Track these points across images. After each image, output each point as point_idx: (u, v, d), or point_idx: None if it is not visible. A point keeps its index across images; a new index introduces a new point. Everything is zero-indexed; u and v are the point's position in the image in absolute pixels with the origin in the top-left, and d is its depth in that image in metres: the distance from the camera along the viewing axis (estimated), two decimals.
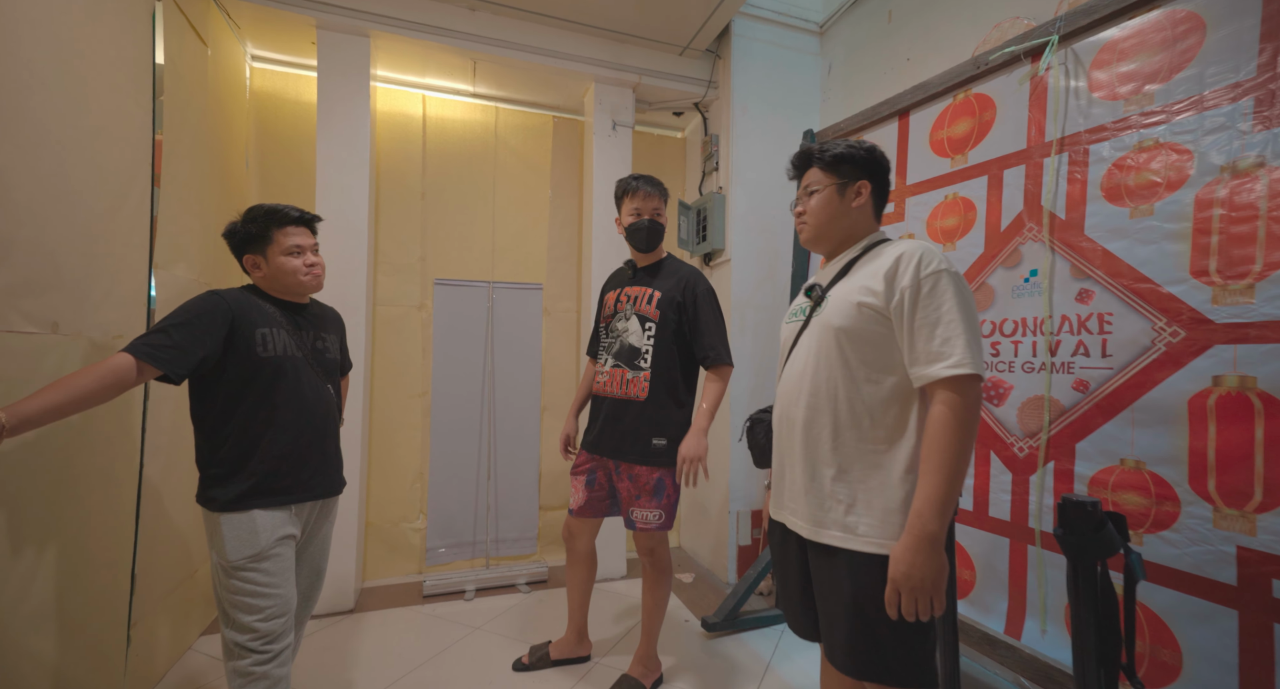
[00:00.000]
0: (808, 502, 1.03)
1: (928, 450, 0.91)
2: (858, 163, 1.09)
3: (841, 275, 1.08)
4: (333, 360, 1.48)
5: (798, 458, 1.06)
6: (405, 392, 2.66)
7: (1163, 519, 1.26)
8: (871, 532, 0.96)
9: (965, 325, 0.91)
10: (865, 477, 0.99)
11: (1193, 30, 1.25)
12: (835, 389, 1.01)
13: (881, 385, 0.99)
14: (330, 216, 2.23)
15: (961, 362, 0.89)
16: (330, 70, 2.24)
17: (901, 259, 0.97)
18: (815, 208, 1.11)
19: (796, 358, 1.10)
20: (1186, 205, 1.24)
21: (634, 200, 1.71)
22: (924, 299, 0.94)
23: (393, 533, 2.62)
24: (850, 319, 1.00)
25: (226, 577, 1.23)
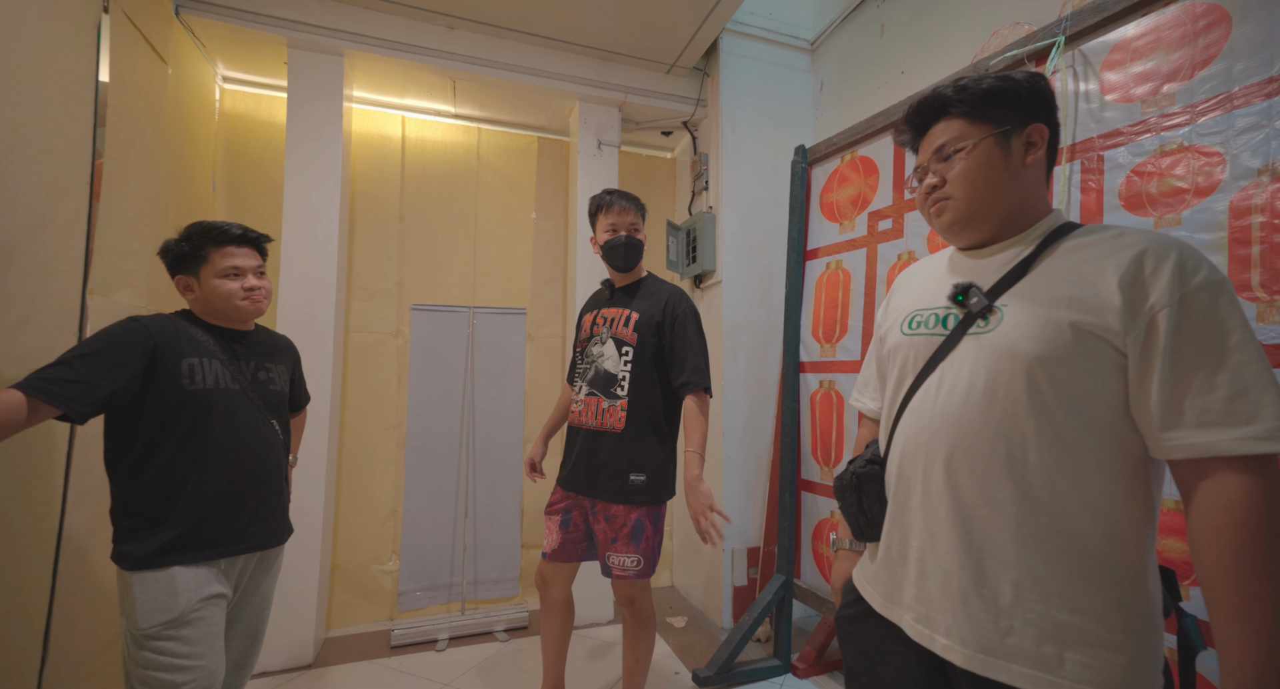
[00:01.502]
0: (968, 613, 0.69)
1: (1239, 574, 0.56)
2: (1021, 100, 0.74)
3: (1018, 276, 0.73)
4: (278, 393, 1.34)
5: (946, 546, 0.72)
6: (378, 423, 2.50)
7: None
8: (1086, 677, 0.63)
9: (1268, 370, 0.58)
10: (1073, 589, 0.65)
11: (1216, 24, 1.14)
12: (1024, 450, 0.67)
13: (1098, 449, 0.65)
14: (300, 239, 2.12)
15: (1275, 432, 0.56)
16: (301, 90, 2.16)
17: (1148, 257, 0.63)
18: (965, 173, 0.74)
19: (940, 393, 0.75)
20: (1220, 213, 1.11)
21: (609, 216, 1.60)
22: (1196, 325, 0.60)
23: (362, 576, 2.44)
24: (1056, 346, 0.65)
25: (137, 647, 1.06)
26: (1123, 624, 0.64)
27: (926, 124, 0.80)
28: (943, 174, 0.77)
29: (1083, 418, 0.65)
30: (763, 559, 2.44)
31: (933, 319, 0.80)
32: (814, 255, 2.15)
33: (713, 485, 2.51)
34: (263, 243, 1.30)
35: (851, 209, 2.00)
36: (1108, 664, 0.63)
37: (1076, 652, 0.64)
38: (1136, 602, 0.65)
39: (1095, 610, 0.64)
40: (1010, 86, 0.74)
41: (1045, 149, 0.75)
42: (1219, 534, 0.58)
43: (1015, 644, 0.66)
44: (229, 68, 2.34)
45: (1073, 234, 0.72)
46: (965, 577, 0.70)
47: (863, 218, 1.95)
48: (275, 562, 1.32)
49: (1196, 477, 0.60)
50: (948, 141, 0.76)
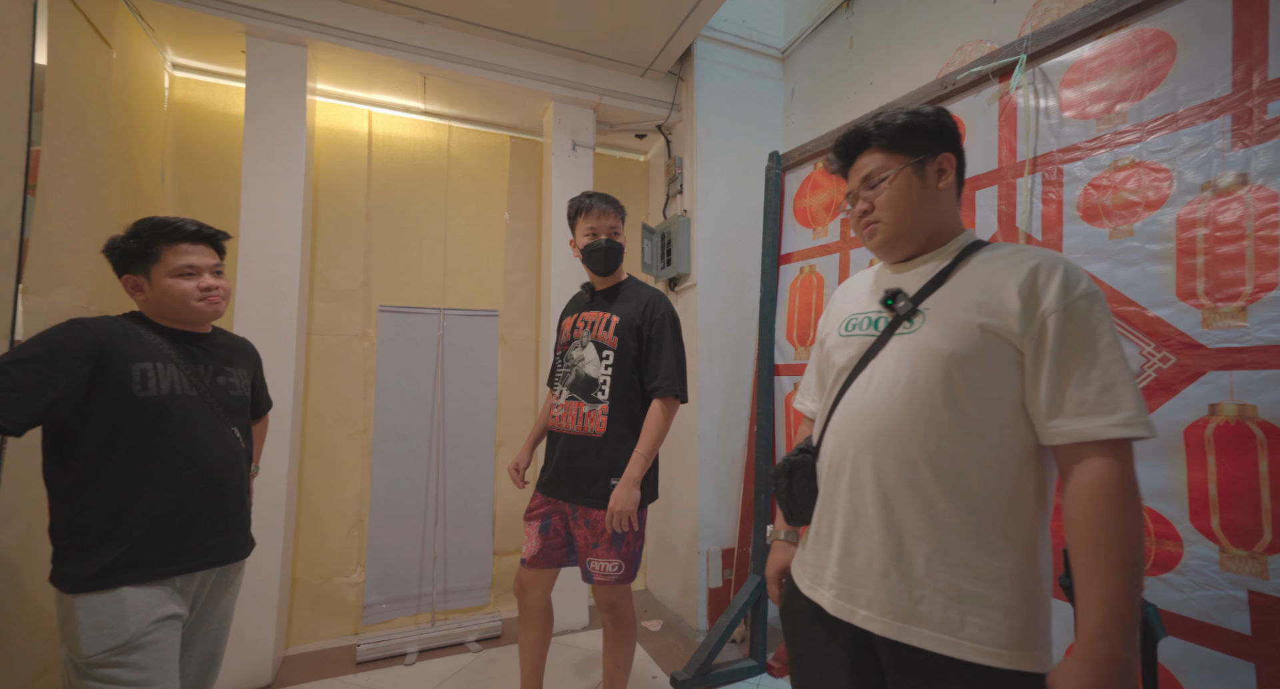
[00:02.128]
0: (888, 586, 0.77)
1: (1095, 540, 0.66)
2: (930, 132, 0.84)
3: (937, 284, 0.82)
4: (239, 399, 1.27)
5: (871, 525, 0.79)
6: (343, 429, 2.40)
7: (1165, 560, 1.17)
8: (983, 637, 0.71)
9: (1128, 369, 0.69)
10: (977, 560, 0.73)
11: (1162, 49, 1.22)
12: (939, 437, 0.75)
13: (998, 437, 0.74)
14: (258, 237, 2.01)
15: (1132, 420, 0.67)
16: (261, 81, 2.06)
17: (1041, 270, 0.74)
18: (890, 200, 0.84)
19: (869, 387, 0.82)
20: (1168, 225, 1.19)
21: (588, 219, 1.59)
22: (1076, 330, 0.70)
23: (325, 590, 2.33)
24: (967, 344, 0.74)
25: (80, 677, 0.98)
26: (1017, 591, 0.72)
27: (852, 155, 0.90)
28: (871, 200, 0.87)
29: (988, 409, 0.74)
30: (737, 560, 2.46)
31: (866, 321, 0.89)
32: (788, 259, 2.19)
33: (687, 487, 2.52)
34: (220, 240, 1.23)
35: (824, 215, 2.05)
36: (1000, 625, 0.71)
37: (976, 615, 0.72)
38: (1029, 572, 0.73)
39: (994, 578, 0.72)
40: (921, 121, 0.84)
41: (954, 175, 0.85)
42: (1083, 506, 0.68)
43: (925, 611, 0.74)
44: (179, 54, 2.21)
45: (983, 249, 0.83)
46: (886, 552, 0.77)
47: (835, 223, 2.00)
48: (236, 578, 1.25)
49: (1072, 459, 0.70)
50: (873, 171, 0.86)
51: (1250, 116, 1.09)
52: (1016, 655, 0.70)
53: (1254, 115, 1.08)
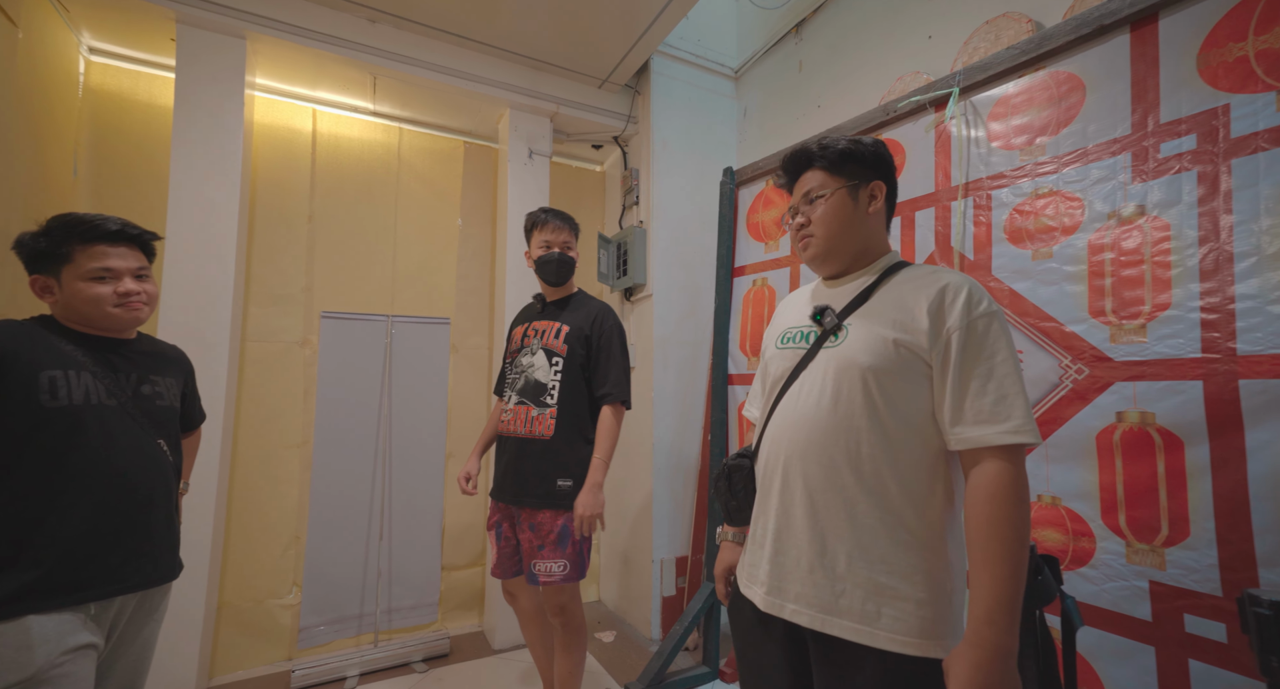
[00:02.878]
0: (814, 582, 0.82)
1: (989, 534, 0.73)
2: (866, 161, 0.91)
3: (860, 301, 0.89)
4: (166, 410, 1.18)
5: (799, 525, 0.85)
6: (279, 441, 2.27)
7: (1080, 555, 1.27)
8: (896, 627, 0.77)
9: (1020, 382, 0.76)
10: (891, 556, 0.79)
11: (1074, 90, 1.35)
12: (858, 443, 0.81)
13: (911, 443, 0.81)
14: (188, 238, 1.88)
15: (1021, 427, 0.74)
16: (193, 72, 1.93)
17: (948, 291, 0.81)
18: (824, 216, 0.91)
19: (799, 397, 0.89)
20: (1081, 249, 1.31)
21: (543, 233, 1.67)
22: (975, 346, 0.77)
23: (256, 613, 2.18)
24: (883, 358, 0.81)
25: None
26: (927, 584, 0.78)
27: (798, 172, 0.96)
28: (808, 215, 0.93)
29: (901, 417, 0.81)
30: (691, 568, 2.49)
31: (798, 335, 0.95)
32: (741, 272, 2.26)
33: (642, 496, 2.52)
34: (148, 240, 1.14)
35: (776, 229, 2.13)
36: (912, 616, 0.77)
37: (891, 607, 0.78)
38: (939, 566, 0.79)
39: (906, 573, 0.78)
40: (859, 149, 0.92)
41: (884, 201, 0.93)
42: (978, 506, 0.75)
43: (846, 604, 0.80)
44: (97, 38, 2.04)
45: (904, 269, 0.90)
46: (811, 550, 0.83)
47: (787, 238, 2.08)
48: (160, 603, 1.15)
49: (972, 463, 0.78)
50: (813, 188, 0.93)
51: (1147, 155, 1.22)
52: (926, 644, 0.76)
53: (1150, 154, 1.21)
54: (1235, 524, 1.06)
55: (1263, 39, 1.08)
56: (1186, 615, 1.12)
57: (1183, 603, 1.13)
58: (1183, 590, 1.13)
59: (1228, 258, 1.10)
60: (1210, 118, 1.13)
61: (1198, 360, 1.12)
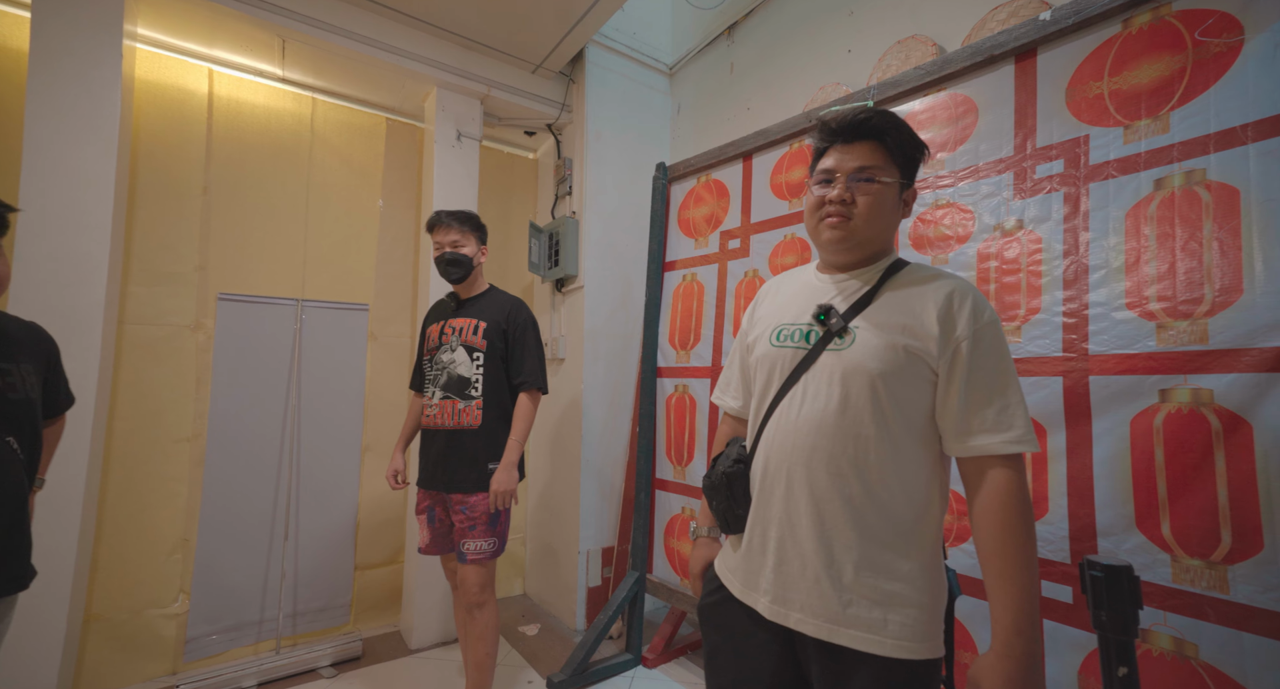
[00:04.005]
0: (820, 592, 0.81)
1: (1002, 543, 0.74)
2: (916, 164, 0.86)
3: (865, 303, 0.85)
4: (19, 402, 1.04)
5: (804, 534, 0.82)
6: (165, 434, 2.05)
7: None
8: (902, 633, 0.77)
9: (1020, 391, 0.78)
10: (896, 564, 0.79)
11: (969, 112, 1.49)
12: (867, 450, 0.79)
13: (915, 449, 0.80)
14: (46, 204, 1.65)
15: (1024, 437, 0.75)
16: (53, 14, 1.68)
17: (955, 297, 0.80)
18: (873, 203, 0.83)
19: (803, 401, 0.85)
20: (971, 257, 1.44)
21: (436, 234, 1.75)
22: (982, 355, 0.77)
23: (132, 626, 1.97)
24: (893, 364, 0.79)
25: None
26: (926, 587, 0.79)
27: (856, 138, 0.85)
28: (855, 192, 0.83)
29: (907, 423, 0.80)
30: (616, 558, 2.52)
31: (798, 334, 0.89)
32: (672, 267, 2.30)
33: (569, 488, 2.52)
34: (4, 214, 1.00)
35: (706, 227, 2.19)
36: (915, 621, 0.78)
37: (896, 613, 0.78)
38: (934, 569, 0.81)
39: (910, 579, 0.79)
40: (920, 147, 0.86)
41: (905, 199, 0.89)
42: (991, 514, 0.75)
43: (854, 613, 0.79)
44: None
45: (902, 271, 0.87)
46: (818, 561, 0.81)
47: (715, 236, 2.14)
48: (5, 614, 1.02)
49: (976, 471, 0.78)
50: (872, 166, 0.83)
51: (1026, 175, 1.36)
52: (925, 647, 0.77)
53: (1028, 174, 1.36)
54: (1083, 501, 1.23)
55: (1115, 80, 1.25)
56: (1044, 582, 1.28)
57: (1040, 571, 1.28)
58: (1041, 560, 1.28)
59: (1085, 269, 1.26)
60: (1074, 146, 1.29)
61: (1059, 359, 1.28)
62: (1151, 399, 1.15)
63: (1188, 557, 1.09)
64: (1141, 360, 1.16)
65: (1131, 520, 1.16)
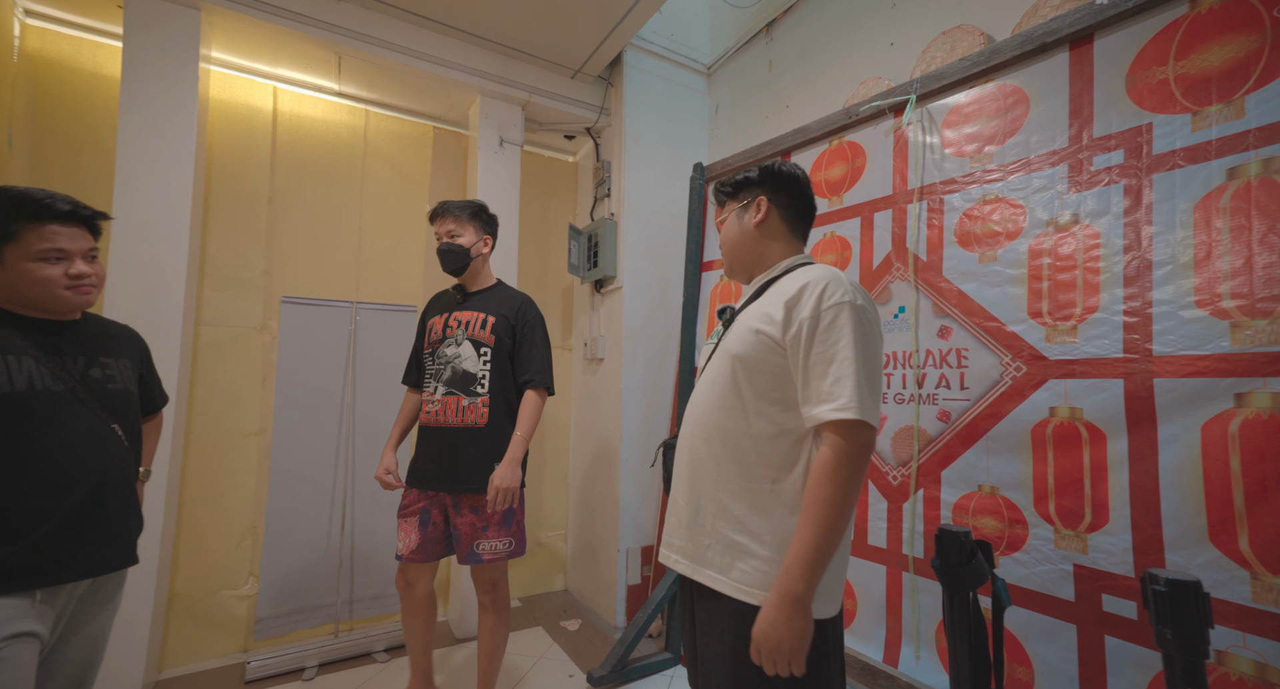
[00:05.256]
0: (688, 537, 0.96)
1: (807, 500, 0.83)
2: (752, 181, 1.04)
3: (754, 298, 1.00)
4: (120, 392, 1.14)
5: (683, 487, 0.99)
6: (235, 430, 2.21)
7: (1014, 541, 1.36)
8: (745, 579, 0.88)
9: (859, 365, 0.83)
10: (747, 518, 0.90)
11: (1019, 103, 1.43)
12: (725, 419, 0.94)
13: (773, 420, 0.90)
14: (137, 216, 1.81)
15: (847, 405, 0.81)
16: (142, 42, 1.85)
17: (807, 287, 0.89)
18: (724, 236, 1.08)
19: (700, 384, 1.02)
20: (1022, 253, 1.39)
21: (434, 225, 1.71)
22: (821, 333, 0.86)
23: (208, 605, 2.13)
24: (747, 346, 0.92)
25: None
26: (777, 545, 0.88)
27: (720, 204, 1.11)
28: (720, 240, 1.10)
29: (760, 395, 0.92)
30: (655, 556, 2.54)
31: (716, 333, 1.08)
32: (710, 267, 2.30)
33: (608, 487, 2.56)
34: (98, 221, 1.10)
35: None
36: (757, 571, 0.88)
37: (742, 563, 0.89)
38: (786, 528, 0.88)
39: (758, 534, 0.89)
40: (748, 173, 1.05)
41: (774, 211, 1.02)
42: (814, 472, 0.84)
43: (710, 556, 0.93)
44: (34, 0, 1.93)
45: (797, 269, 0.98)
46: (689, 509, 0.97)
47: None
48: (115, 592, 1.13)
49: (817, 437, 0.87)
50: (721, 216, 1.10)
51: (1081, 167, 1.30)
52: (762, 594, 0.86)
53: (1084, 166, 1.30)
54: (1147, 511, 1.16)
55: (1181, 64, 1.17)
56: (1104, 595, 1.22)
57: (1101, 584, 1.22)
58: (1101, 573, 1.22)
59: (1148, 265, 1.19)
60: (1136, 135, 1.22)
61: (1119, 360, 1.21)
62: (1225, 403, 1.08)
63: (1270, 574, 1.02)
64: (1214, 362, 1.09)
65: (1204, 533, 1.09)
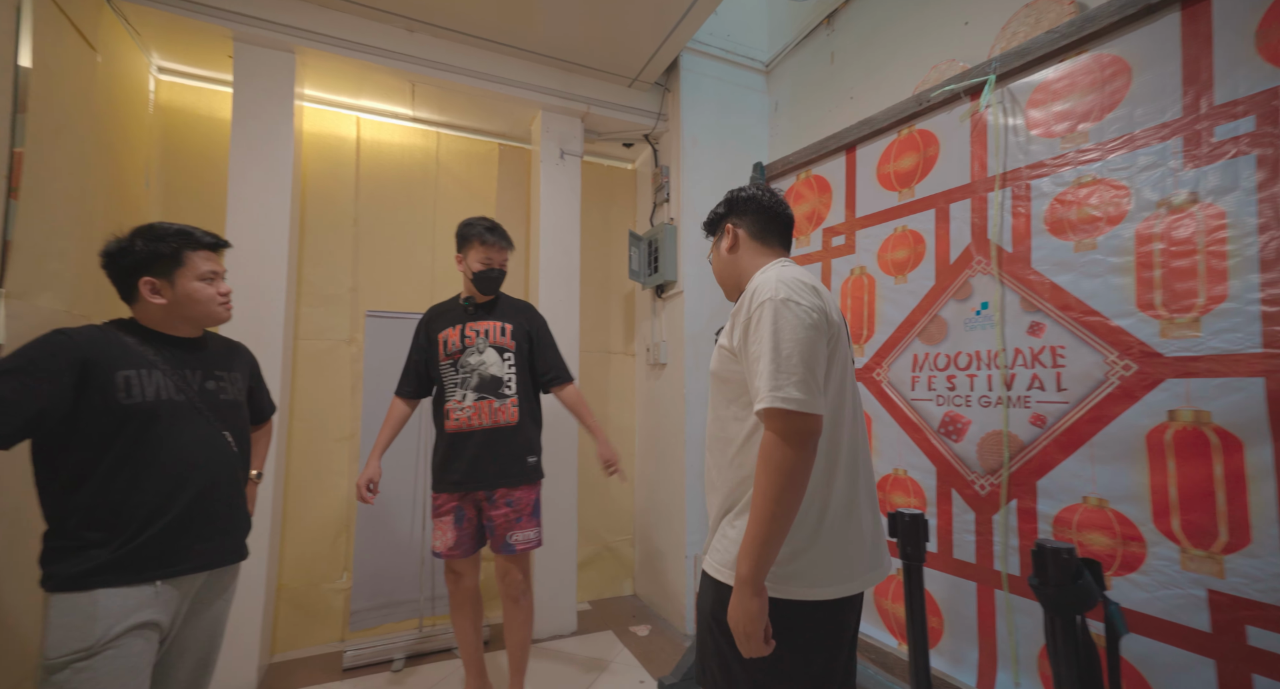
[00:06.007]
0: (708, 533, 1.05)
1: (754, 489, 0.88)
2: (721, 214, 1.13)
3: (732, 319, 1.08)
4: (231, 403, 1.27)
5: (708, 499, 1.08)
6: (329, 435, 2.40)
7: (1130, 560, 1.22)
8: (715, 558, 0.97)
9: (773, 355, 0.86)
10: (726, 507, 0.99)
11: (1119, 73, 1.29)
12: (716, 430, 1.02)
13: (745, 423, 0.96)
14: (244, 241, 2.01)
15: (764, 396, 0.85)
16: (248, 87, 2.06)
17: (745, 295, 0.95)
18: (713, 269, 1.16)
19: None
20: (1128, 240, 1.25)
21: (487, 250, 1.78)
22: (751, 334, 0.91)
23: (310, 596, 2.31)
24: (716, 361, 1.01)
25: (41, 681, 0.97)
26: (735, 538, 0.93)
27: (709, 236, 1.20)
28: None
29: (730, 403, 0.98)
30: None
31: None
32: None
33: (674, 492, 2.55)
34: (224, 248, 1.26)
35: (807, 225, 2.11)
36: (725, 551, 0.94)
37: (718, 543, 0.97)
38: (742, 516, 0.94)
39: (732, 520, 0.96)
40: (715, 209, 1.14)
41: (740, 234, 1.08)
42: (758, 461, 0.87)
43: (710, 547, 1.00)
44: (165, 58, 2.20)
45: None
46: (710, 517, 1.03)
47: (817, 234, 2.06)
48: (230, 583, 1.25)
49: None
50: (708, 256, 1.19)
51: (1200, 139, 1.15)
52: (728, 573, 0.92)
53: (1203, 138, 1.15)
54: None
55: None
56: (1249, 627, 1.06)
57: (1245, 614, 1.07)
58: (1245, 601, 1.07)
59: None
60: (1271, 97, 1.07)
61: (1258, 356, 1.06)
62: None
63: None
64: None
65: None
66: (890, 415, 1.75)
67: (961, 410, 1.55)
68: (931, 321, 1.65)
